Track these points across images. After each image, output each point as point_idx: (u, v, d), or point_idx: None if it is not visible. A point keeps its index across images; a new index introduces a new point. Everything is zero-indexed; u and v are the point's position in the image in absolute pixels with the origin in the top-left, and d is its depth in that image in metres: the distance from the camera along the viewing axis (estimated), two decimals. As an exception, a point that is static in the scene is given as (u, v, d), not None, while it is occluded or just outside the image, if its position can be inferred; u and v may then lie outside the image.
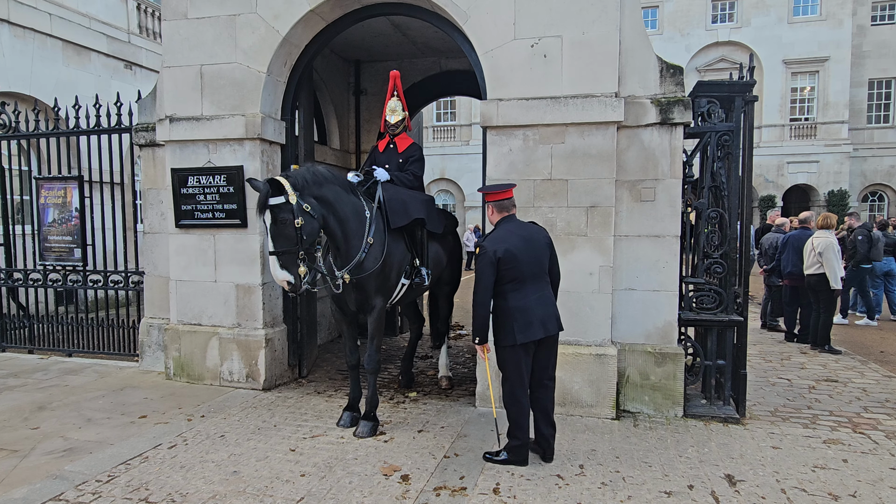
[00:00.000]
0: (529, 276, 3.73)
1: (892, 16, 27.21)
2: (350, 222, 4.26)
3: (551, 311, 3.79)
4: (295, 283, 3.86)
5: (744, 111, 4.79)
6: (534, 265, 3.74)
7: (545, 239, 3.85)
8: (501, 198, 3.86)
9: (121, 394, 5.40)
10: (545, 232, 3.91)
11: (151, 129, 5.97)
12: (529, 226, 3.92)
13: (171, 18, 5.58)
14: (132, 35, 12.09)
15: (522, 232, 3.80)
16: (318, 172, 4.10)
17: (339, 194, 4.20)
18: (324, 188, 4.08)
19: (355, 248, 4.27)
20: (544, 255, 3.80)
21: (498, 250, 3.65)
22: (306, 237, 3.86)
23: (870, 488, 3.55)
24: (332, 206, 4.13)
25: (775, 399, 5.41)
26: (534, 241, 3.78)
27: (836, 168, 26.38)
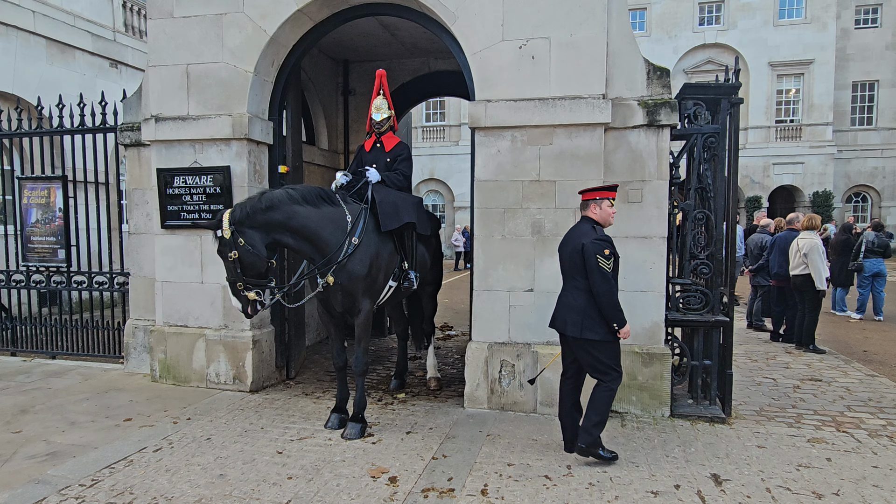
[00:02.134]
0: (565, 274, 3.97)
1: (875, 19, 27.61)
2: (320, 231, 4.23)
3: (560, 310, 3.95)
4: (243, 308, 4.05)
5: (730, 113, 4.83)
6: (564, 264, 3.96)
7: (578, 244, 3.81)
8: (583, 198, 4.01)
9: (105, 396, 5.34)
10: (583, 238, 3.80)
11: (137, 128, 5.90)
12: (574, 229, 4.01)
13: (156, 17, 5.53)
14: (118, 33, 11.95)
15: (569, 233, 4.01)
16: (267, 198, 4.08)
17: (293, 213, 4.13)
18: (271, 213, 4.05)
19: (334, 253, 4.26)
20: (570, 258, 3.87)
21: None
22: (242, 269, 3.98)
23: (853, 486, 3.60)
24: (285, 227, 4.12)
25: (761, 398, 5.47)
26: (567, 245, 3.93)
27: (820, 169, 26.72)
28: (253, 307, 4.05)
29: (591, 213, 3.93)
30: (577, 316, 3.81)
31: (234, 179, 5.40)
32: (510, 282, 4.87)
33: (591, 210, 3.93)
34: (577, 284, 3.84)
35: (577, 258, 3.80)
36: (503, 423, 4.64)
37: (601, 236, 3.81)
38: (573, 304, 3.85)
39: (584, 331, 3.78)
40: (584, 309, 3.80)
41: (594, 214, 3.93)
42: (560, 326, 3.92)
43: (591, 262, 3.71)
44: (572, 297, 3.87)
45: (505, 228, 4.87)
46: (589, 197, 3.95)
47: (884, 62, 27.32)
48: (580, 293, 3.83)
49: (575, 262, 3.82)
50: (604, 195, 3.92)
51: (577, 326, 3.81)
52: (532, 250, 4.83)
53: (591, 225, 3.91)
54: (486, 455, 4.01)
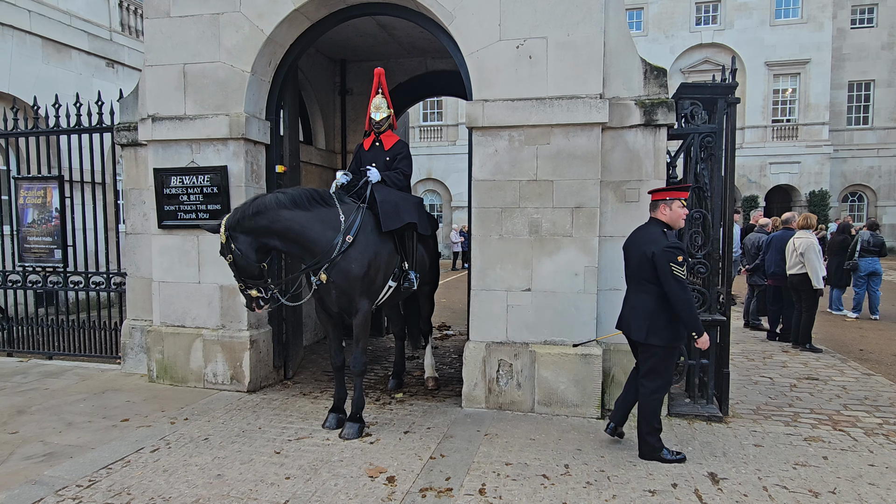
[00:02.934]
0: (631, 276, 3.98)
1: (871, 19, 27.71)
2: (306, 232, 4.25)
3: (624, 312, 4.00)
4: (247, 305, 4.30)
5: (726, 113, 4.84)
6: (630, 266, 3.95)
7: (648, 250, 3.76)
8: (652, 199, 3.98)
9: (102, 397, 5.33)
10: (653, 246, 3.74)
11: (133, 128, 5.89)
12: (640, 231, 3.96)
13: (153, 16, 5.52)
14: (114, 33, 11.93)
15: (635, 234, 3.97)
16: (256, 204, 4.17)
17: (277, 217, 4.17)
18: (257, 218, 4.12)
19: (322, 251, 4.27)
20: (635, 261, 3.87)
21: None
22: (238, 271, 4.19)
23: (849, 485, 3.61)
24: (270, 230, 4.17)
25: (757, 397, 5.48)
26: (634, 247, 3.91)
27: (817, 169, 26.80)
28: (257, 303, 4.25)
29: (660, 214, 3.89)
30: (644, 321, 3.82)
31: (231, 179, 5.39)
32: (508, 281, 4.88)
33: (661, 211, 3.89)
34: (646, 289, 3.83)
35: (646, 264, 3.78)
36: (501, 422, 4.65)
37: (673, 243, 3.76)
38: (640, 308, 3.85)
39: (650, 335, 3.80)
40: (651, 314, 3.80)
41: (663, 216, 3.89)
42: (625, 329, 3.98)
43: (665, 270, 3.68)
44: (640, 301, 3.86)
45: (503, 228, 4.87)
46: (659, 197, 3.90)
47: (880, 62, 27.42)
48: (649, 297, 3.82)
49: (644, 267, 3.80)
50: (675, 195, 3.88)
51: (643, 331, 3.83)
52: (530, 250, 4.83)
53: (661, 228, 3.87)
54: (484, 454, 4.02)
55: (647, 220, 3.99)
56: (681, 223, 3.92)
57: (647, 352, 3.87)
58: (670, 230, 3.90)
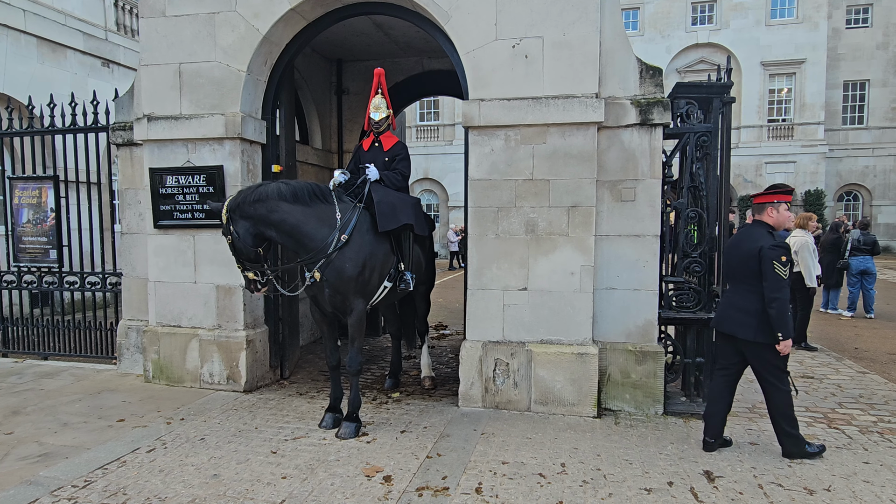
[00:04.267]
0: (734, 277, 4.03)
1: (866, 19, 27.83)
2: (301, 227, 4.27)
3: (729, 313, 4.00)
4: (245, 286, 4.37)
5: (722, 112, 4.86)
6: (732, 267, 4.02)
7: (754, 248, 3.83)
8: (756, 202, 4.07)
9: (98, 397, 5.31)
10: (761, 239, 3.83)
11: (129, 128, 5.87)
12: (746, 232, 4.03)
13: (148, 16, 5.50)
14: (109, 32, 11.89)
15: (740, 236, 4.07)
16: (258, 192, 4.21)
17: (275, 208, 4.20)
18: (258, 206, 4.17)
19: (323, 246, 4.28)
20: (743, 261, 3.90)
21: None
22: (236, 253, 4.27)
23: (844, 482, 3.63)
24: (267, 221, 4.21)
25: (753, 396, 5.49)
26: (739, 247, 3.97)
27: (812, 168, 26.91)
28: (255, 286, 4.32)
29: (766, 216, 3.96)
30: (752, 319, 3.85)
31: (227, 179, 5.39)
32: (504, 281, 4.88)
33: (768, 213, 3.96)
34: (752, 288, 3.86)
35: (752, 262, 3.83)
36: (497, 421, 4.65)
37: (780, 242, 3.83)
38: (747, 307, 3.88)
39: (758, 334, 3.83)
40: (759, 312, 3.83)
41: (770, 218, 3.95)
42: (730, 329, 3.97)
43: (768, 266, 3.75)
44: (746, 301, 3.89)
45: (499, 227, 4.87)
46: (766, 200, 3.97)
47: (874, 62, 27.54)
48: (755, 297, 3.85)
49: (749, 266, 3.85)
50: (781, 199, 3.95)
51: (752, 329, 3.85)
52: (526, 249, 4.84)
53: (767, 229, 3.93)
54: (481, 453, 4.02)
55: (752, 223, 4.05)
56: (787, 224, 4.10)
57: (758, 351, 3.89)
58: (774, 231, 3.99)
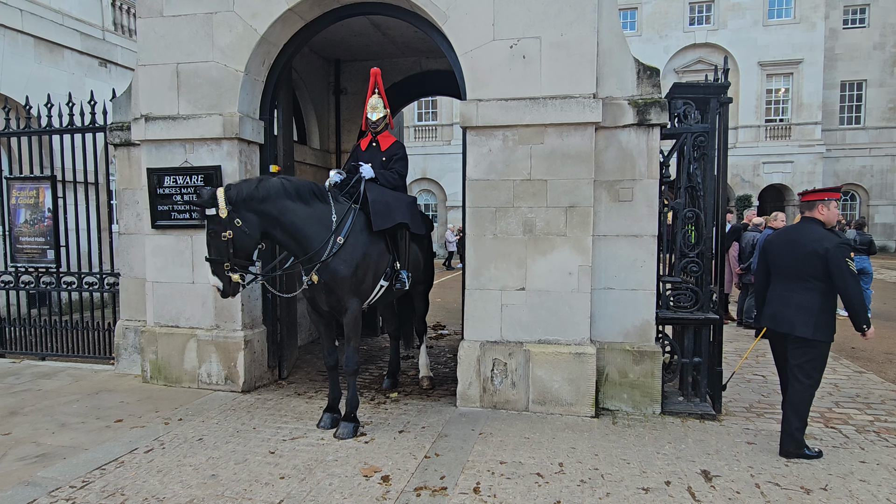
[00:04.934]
0: (790, 275, 4.00)
1: (863, 19, 27.90)
2: (306, 230, 4.23)
3: (785, 312, 3.97)
4: (224, 289, 4.00)
5: (718, 112, 4.87)
6: (788, 264, 4.01)
7: (819, 247, 3.83)
8: (804, 199, 4.13)
9: (96, 397, 5.31)
10: (824, 239, 3.85)
11: (126, 128, 5.87)
12: (798, 230, 4.05)
13: (146, 16, 5.50)
14: (107, 32, 11.87)
15: (792, 233, 4.07)
16: (265, 187, 4.09)
17: (285, 208, 4.14)
18: (266, 203, 4.06)
19: (320, 249, 4.25)
20: (802, 259, 3.91)
21: (765, 242, 4.25)
22: (235, 250, 3.97)
23: (840, 481, 3.64)
24: (276, 220, 4.13)
25: (750, 395, 5.52)
26: (795, 245, 3.97)
27: (809, 168, 26.96)
28: (235, 288, 4.04)
29: (817, 213, 4.01)
30: (811, 317, 3.86)
31: (225, 179, 5.37)
32: (502, 281, 4.89)
33: (819, 211, 3.99)
34: (811, 286, 3.88)
35: (814, 260, 3.84)
36: (495, 421, 4.66)
37: (845, 240, 3.87)
38: (807, 305, 3.88)
39: (816, 332, 3.85)
40: (819, 310, 3.85)
41: (821, 215, 3.99)
42: (786, 327, 3.95)
43: (842, 266, 3.76)
44: (805, 299, 3.89)
45: (497, 227, 4.88)
46: (817, 198, 4.01)
47: (871, 62, 27.61)
48: (815, 294, 3.87)
49: (811, 264, 3.86)
50: (831, 196, 4.00)
51: (810, 327, 3.86)
52: (524, 249, 4.84)
53: (822, 227, 3.98)
54: (479, 453, 4.03)
55: (803, 220, 4.09)
56: (834, 221, 4.02)
57: (809, 349, 3.91)
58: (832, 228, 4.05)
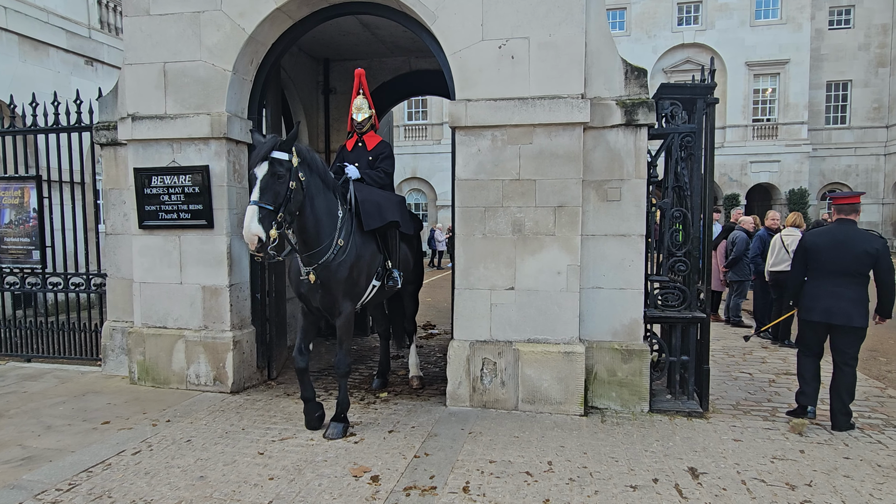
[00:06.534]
0: (840, 272, 4.41)
1: (848, 20, 28.23)
2: (323, 220, 4.22)
3: (841, 305, 4.39)
4: (264, 243, 3.65)
5: (705, 113, 4.91)
6: (836, 264, 4.43)
7: (863, 248, 4.35)
8: (837, 202, 4.62)
9: (82, 399, 5.26)
10: (873, 240, 4.38)
11: (113, 127, 5.81)
12: (845, 230, 4.47)
13: (132, 14, 5.45)
14: (93, 30, 11.75)
15: (839, 234, 4.48)
16: (314, 159, 4.15)
17: (319, 188, 4.18)
18: (311, 176, 4.10)
19: (324, 246, 4.23)
20: (855, 258, 4.36)
21: (808, 241, 4.63)
22: (291, 203, 3.82)
23: (825, 477, 3.69)
24: (310, 196, 4.10)
25: (737, 393, 5.57)
26: (846, 245, 4.40)
27: (796, 167, 27.26)
28: (267, 247, 3.66)
29: (855, 216, 4.54)
30: (864, 308, 4.40)
31: (213, 179, 5.35)
32: (491, 280, 4.90)
33: (857, 213, 4.54)
34: (860, 281, 4.39)
35: (866, 259, 4.34)
36: (485, 420, 4.67)
37: (885, 239, 4.49)
38: (859, 298, 4.38)
39: (865, 320, 4.39)
40: (866, 302, 4.41)
41: (856, 216, 4.55)
42: (843, 319, 4.38)
43: (890, 263, 4.32)
44: (857, 293, 4.39)
45: (486, 227, 4.89)
46: (855, 201, 4.55)
47: (856, 62, 27.95)
48: (863, 289, 4.40)
49: (863, 262, 4.35)
50: (859, 200, 4.59)
51: (864, 318, 4.39)
52: (513, 249, 4.86)
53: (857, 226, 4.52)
54: (468, 453, 4.04)
55: (846, 222, 4.52)
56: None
57: (858, 335, 4.44)
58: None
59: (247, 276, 5.66)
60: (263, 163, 3.74)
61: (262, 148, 3.78)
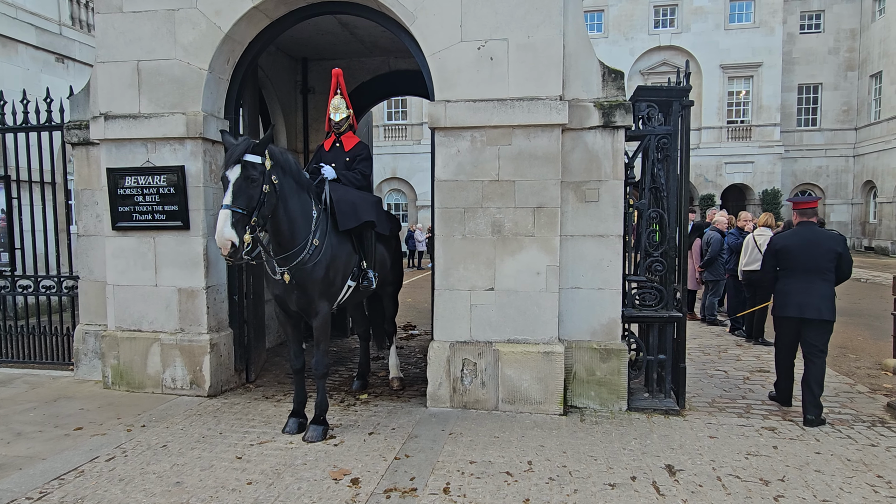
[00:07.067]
0: (811, 269, 4.70)
1: (819, 25, 28.91)
2: (297, 221, 4.19)
3: (811, 301, 4.67)
4: (238, 247, 3.62)
5: (681, 115, 4.98)
6: (807, 261, 4.71)
7: (830, 245, 4.69)
8: (799, 207, 4.95)
9: (54, 405, 5.14)
10: (837, 240, 4.74)
11: (85, 126, 5.69)
12: (813, 231, 4.79)
13: (104, 11, 5.34)
14: (64, 27, 11.48)
15: (807, 234, 4.78)
16: (288, 160, 4.13)
17: (293, 189, 4.16)
18: (285, 178, 4.07)
19: (299, 247, 4.19)
20: (825, 255, 4.67)
21: (778, 243, 4.92)
22: (264, 207, 3.81)
23: (797, 472, 3.77)
24: (284, 198, 4.07)
25: (713, 390, 5.67)
26: (816, 245, 4.71)
27: (769, 168, 27.83)
28: (240, 252, 3.65)
29: (815, 217, 4.91)
30: (831, 303, 4.69)
31: (188, 179, 5.27)
32: (471, 281, 4.91)
33: (817, 215, 4.89)
34: (828, 277, 4.70)
35: (832, 255, 4.67)
36: (465, 421, 4.68)
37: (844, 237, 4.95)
38: (828, 293, 4.68)
39: (833, 314, 4.70)
40: (833, 297, 4.72)
41: (817, 218, 4.95)
42: (814, 313, 4.66)
43: (849, 257, 4.72)
44: (826, 289, 4.69)
45: (465, 228, 4.90)
46: (815, 205, 4.93)
47: (826, 66, 28.64)
48: (830, 284, 4.71)
49: (830, 259, 4.68)
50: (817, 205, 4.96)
51: (832, 311, 4.69)
52: (492, 249, 4.88)
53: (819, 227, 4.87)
54: (449, 454, 4.04)
55: (812, 224, 4.86)
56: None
57: (827, 328, 4.74)
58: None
59: (224, 278, 5.59)
60: (236, 166, 3.71)
61: (235, 151, 3.74)
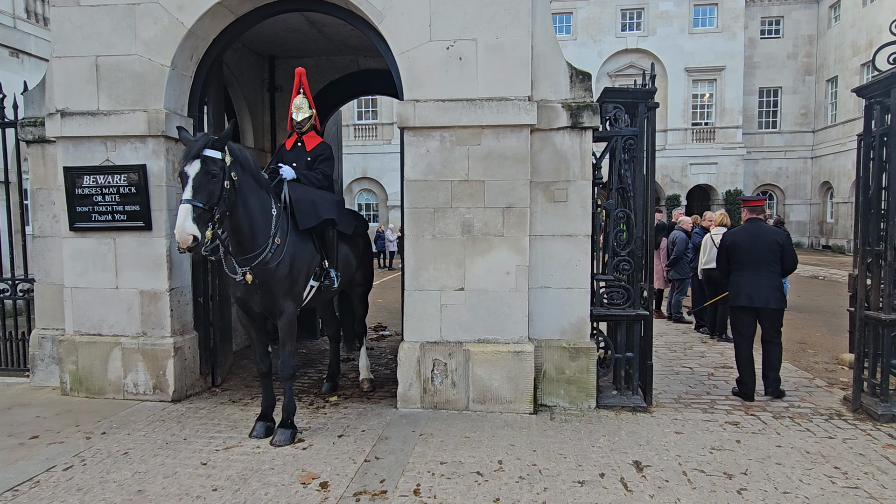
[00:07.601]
0: (757, 262, 5.15)
1: (778, 30, 29.84)
2: (258, 220, 4.12)
3: (760, 291, 5.13)
4: (199, 243, 3.55)
5: (647, 117, 5.06)
6: (752, 254, 5.16)
7: (773, 238, 5.18)
8: (749, 204, 5.43)
9: (8, 413, 4.93)
10: (779, 234, 5.26)
11: (41, 123, 5.48)
12: (758, 227, 5.27)
13: (61, 4, 5.15)
14: (18, 20, 11.07)
15: (753, 230, 5.24)
16: (247, 157, 4.07)
17: (252, 187, 4.08)
18: (244, 175, 3.99)
19: (260, 245, 4.11)
20: (768, 247, 5.14)
21: (728, 240, 5.39)
22: (224, 203, 3.74)
23: (759, 465, 3.87)
24: (243, 196, 3.99)
25: (678, 387, 5.78)
26: (760, 239, 5.17)
27: (732, 169, 28.59)
28: (201, 247, 3.62)
29: (763, 215, 5.42)
30: (779, 293, 5.16)
31: (150, 179, 5.13)
32: (441, 281, 4.90)
33: (765, 213, 5.34)
34: (774, 269, 5.15)
35: (776, 248, 5.14)
36: (436, 421, 4.67)
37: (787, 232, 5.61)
38: (774, 283, 5.15)
39: (782, 302, 5.17)
40: (780, 286, 5.19)
41: (764, 215, 5.46)
42: (763, 303, 5.13)
43: (791, 250, 5.22)
44: (772, 279, 5.15)
45: (435, 228, 4.89)
46: (762, 203, 5.49)
47: (786, 70, 29.59)
48: (776, 275, 5.18)
49: (774, 251, 5.14)
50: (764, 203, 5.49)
51: (780, 301, 5.16)
52: (462, 249, 4.87)
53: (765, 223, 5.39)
54: (419, 455, 4.02)
55: (756, 220, 5.35)
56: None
57: (777, 317, 5.22)
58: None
59: (188, 280, 5.45)
60: (195, 161, 3.63)
61: (195, 146, 3.67)
